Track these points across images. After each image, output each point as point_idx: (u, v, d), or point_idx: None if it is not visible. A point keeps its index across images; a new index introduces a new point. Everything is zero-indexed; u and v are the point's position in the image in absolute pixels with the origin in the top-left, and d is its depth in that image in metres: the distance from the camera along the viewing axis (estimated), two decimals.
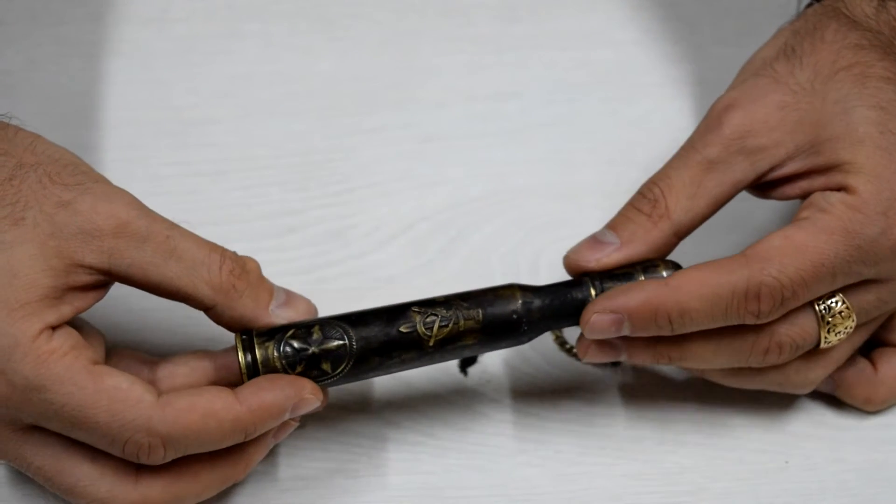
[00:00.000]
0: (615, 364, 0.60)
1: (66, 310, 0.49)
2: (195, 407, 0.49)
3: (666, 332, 0.51)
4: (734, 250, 0.62)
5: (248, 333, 0.52)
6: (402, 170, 0.66)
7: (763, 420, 0.58)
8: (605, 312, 0.51)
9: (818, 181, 0.52)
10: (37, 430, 0.49)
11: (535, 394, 0.59)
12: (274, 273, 0.59)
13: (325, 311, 0.60)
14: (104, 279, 0.50)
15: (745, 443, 0.58)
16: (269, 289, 0.53)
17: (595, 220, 0.62)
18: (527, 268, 0.63)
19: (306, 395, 0.51)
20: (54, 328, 0.48)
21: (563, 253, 0.62)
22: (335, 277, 0.62)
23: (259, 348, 0.51)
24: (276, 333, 0.52)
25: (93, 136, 0.65)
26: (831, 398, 0.58)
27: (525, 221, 0.64)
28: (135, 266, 0.49)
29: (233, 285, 0.51)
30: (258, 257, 0.60)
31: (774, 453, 0.58)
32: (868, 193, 0.51)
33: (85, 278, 0.49)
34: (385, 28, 0.71)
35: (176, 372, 0.53)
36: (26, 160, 0.50)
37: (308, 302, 0.54)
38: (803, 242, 0.51)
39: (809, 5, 0.57)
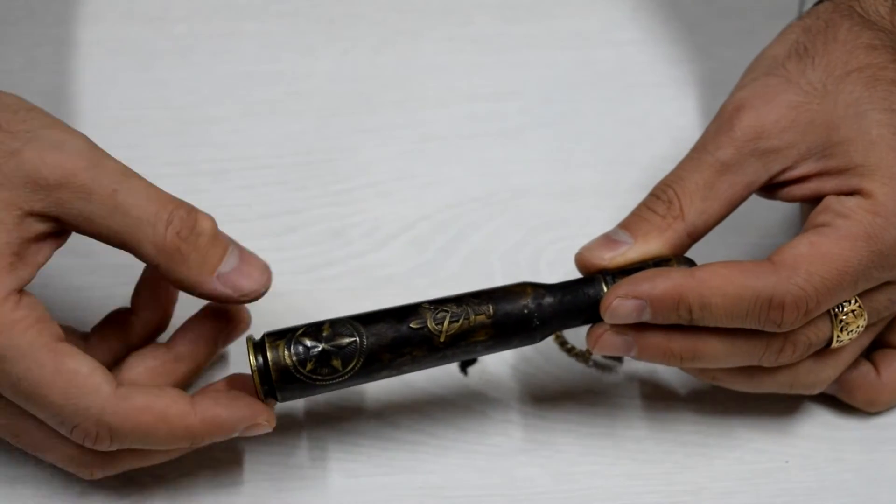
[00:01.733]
0: (617, 359, 0.60)
1: (25, 272, 0.48)
2: (151, 408, 0.49)
3: (685, 322, 0.51)
4: (734, 250, 0.62)
5: (260, 337, 0.52)
6: (402, 169, 0.66)
7: (763, 420, 0.58)
8: (627, 297, 0.51)
9: (829, 183, 0.52)
10: None
11: (535, 393, 0.59)
12: (274, 272, 0.59)
13: (324, 311, 0.60)
14: (57, 227, 0.49)
15: (745, 443, 0.58)
16: (219, 254, 0.51)
17: (595, 220, 0.62)
18: (527, 268, 0.63)
19: (261, 420, 0.51)
20: (20, 294, 0.48)
21: (564, 252, 0.62)
22: (335, 277, 0.62)
23: (270, 349, 0.51)
24: (286, 333, 0.52)
25: (93, 136, 0.64)
26: (831, 398, 0.58)
27: (525, 221, 0.64)
28: (82, 217, 0.48)
29: (177, 248, 0.49)
30: (259, 257, 0.60)
31: (774, 453, 0.58)
32: (885, 196, 0.51)
33: (38, 227, 0.48)
34: (385, 28, 0.71)
35: (142, 363, 0.53)
36: None
37: (264, 268, 0.52)
38: (828, 250, 0.50)
39: (820, 2, 0.56)
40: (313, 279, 0.62)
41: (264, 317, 0.60)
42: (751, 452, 0.57)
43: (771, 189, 0.54)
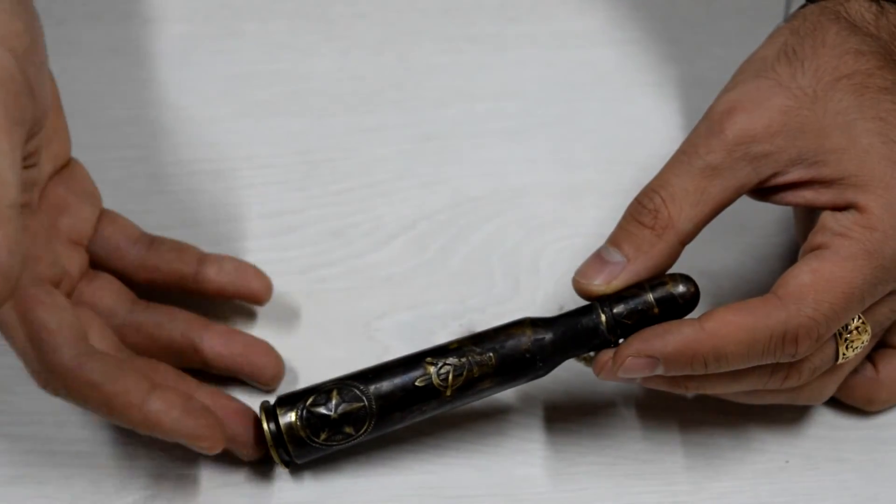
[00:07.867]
0: None
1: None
2: (98, 388, 0.49)
3: (699, 373, 0.51)
4: (733, 250, 0.63)
5: (271, 405, 0.53)
6: (401, 169, 0.66)
7: (763, 419, 0.58)
8: (639, 356, 0.50)
9: (824, 195, 0.51)
10: None
11: (535, 393, 0.59)
12: (274, 272, 0.59)
13: (324, 311, 0.60)
14: None
15: (745, 442, 0.58)
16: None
17: (595, 220, 0.62)
18: (527, 268, 0.63)
19: (201, 445, 0.51)
20: None
21: (564, 252, 0.62)
22: (335, 277, 0.62)
23: (282, 417, 0.52)
24: (296, 401, 0.53)
25: (93, 136, 0.65)
26: (831, 398, 0.58)
27: (525, 221, 0.64)
28: None
29: None
30: (258, 256, 0.61)
31: (774, 453, 0.58)
32: (880, 209, 0.50)
33: None
34: (385, 28, 0.71)
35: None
36: None
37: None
38: (832, 274, 0.50)
39: (804, 6, 0.56)
40: (313, 279, 0.62)
41: (264, 317, 0.60)
42: (751, 452, 0.58)
43: (762, 193, 0.53)
